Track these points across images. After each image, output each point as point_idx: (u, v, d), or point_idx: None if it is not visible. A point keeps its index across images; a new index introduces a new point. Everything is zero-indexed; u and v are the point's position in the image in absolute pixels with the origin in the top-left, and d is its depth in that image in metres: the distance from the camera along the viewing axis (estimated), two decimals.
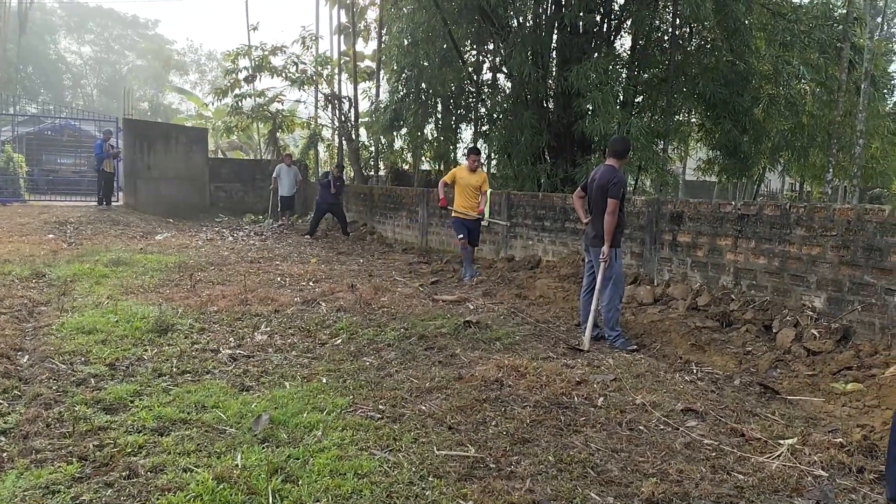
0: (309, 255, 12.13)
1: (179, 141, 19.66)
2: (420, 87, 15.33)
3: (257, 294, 7.82)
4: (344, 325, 6.56)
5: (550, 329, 6.84)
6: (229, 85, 19.21)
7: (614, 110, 10.98)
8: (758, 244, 6.77)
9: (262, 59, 18.49)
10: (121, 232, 13.74)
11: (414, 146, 17.37)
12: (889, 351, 5.34)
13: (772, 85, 13.04)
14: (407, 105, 15.51)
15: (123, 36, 60.27)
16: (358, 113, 20.04)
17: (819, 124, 13.24)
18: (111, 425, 3.92)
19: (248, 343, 5.88)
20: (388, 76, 18.46)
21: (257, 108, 19.46)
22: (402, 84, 15.56)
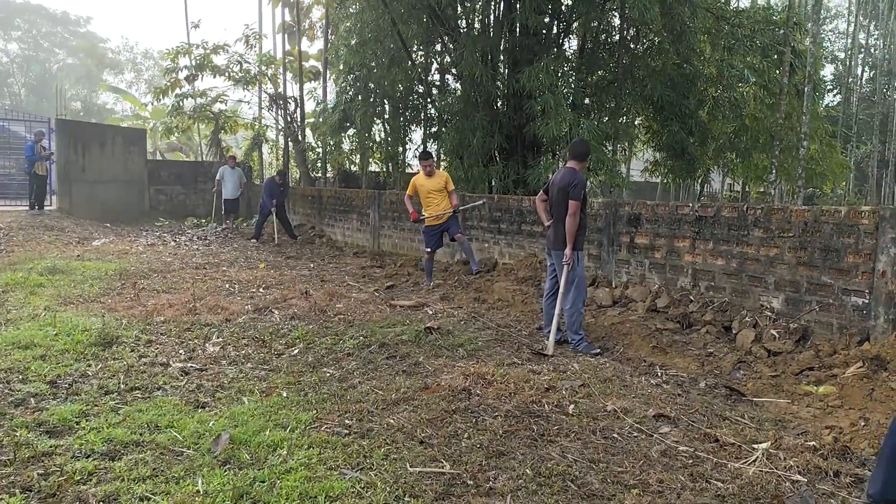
0: (256, 260, 11.82)
1: (116, 142, 18.93)
2: (369, 87, 15.12)
3: (206, 302, 7.52)
4: (300, 333, 6.35)
5: (512, 334, 6.76)
6: (169, 84, 18.65)
7: (565, 112, 10.97)
8: (716, 245, 6.83)
9: (203, 57, 18.00)
10: (55, 238, 13.12)
11: (362, 148, 17.15)
12: (847, 350, 5.42)
13: (716, 88, 13.31)
14: (355, 106, 15.28)
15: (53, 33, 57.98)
16: (304, 114, 19.72)
17: (762, 126, 13.56)
18: (56, 450, 3.62)
19: (199, 355, 5.61)
20: (335, 76, 18.22)
21: (199, 108, 18.95)
22: (351, 84, 15.34)
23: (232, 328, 6.52)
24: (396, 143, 16.53)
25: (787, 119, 13.24)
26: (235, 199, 17.60)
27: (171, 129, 20.46)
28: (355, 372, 5.29)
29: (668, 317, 6.81)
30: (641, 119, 14.70)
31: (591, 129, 10.96)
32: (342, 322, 6.92)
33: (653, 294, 7.28)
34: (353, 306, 7.68)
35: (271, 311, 7.34)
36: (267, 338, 6.21)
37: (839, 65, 30.34)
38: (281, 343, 6.08)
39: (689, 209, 7.16)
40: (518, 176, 12.47)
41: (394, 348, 5.95)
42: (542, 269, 9.10)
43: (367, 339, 6.18)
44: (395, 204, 13.23)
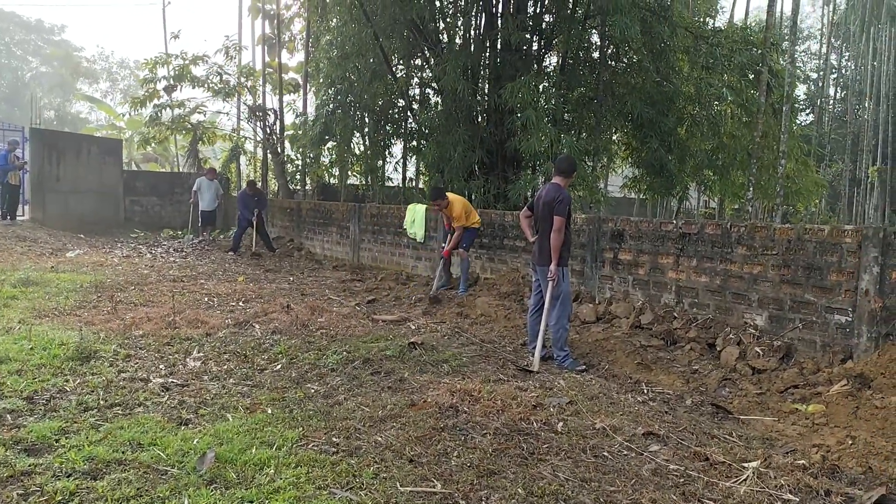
0: (235, 273, 11.69)
1: (91, 152, 18.68)
2: (349, 100, 15.11)
3: (185, 316, 7.40)
4: (282, 348, 6.27)
5: (497, 349, 6.73)
6: (147, 94, 18.48)
7: (546, 128, 11.06)
8: (699, 263, 6.87)
9: (182, 68, 17.87)
10: (28, 248, 12.86)
11: (342, 160, 17.10)
12: (831, 368, 5.47)
13: (695, 106, 13.49)
14: (336, 119, 15.25)
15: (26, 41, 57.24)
16: (283, 126, 19.63)
17: (739, 144, 13.75)
18: (36, 469, 3.51)
19: (180, 370, 5.50)
20: (315, 89, 18.17)
21: (177, 119, 18.78)
22: (331, 97, 15.31)
23: (213, 342, 6.42)
24: (376, 157, 16.51)
25: (764, 137, 13.44)
26: (212, 211, 17.42)
27: (147, 139, 20.25)
28: (340, 388, 5.22)
29: (652, 333, 6.83)
30: (621, 135, 14.85)
31: (571, 145, 11.04)
32: (325, 337, 6.86)
33: (637, 310, 7.30)
34: (336, 321, 7.62)
35: (252, 325, 7.25)
36: (249, 353, 6.12)
37: (811, 84, 30.94)
38: (263, 358, 5.99)
39: (673, 226, 7.21)
40: (499, 191, 12.51)
41: (378, 364, 5.89)
42: (525, 285, 9.10)
43: (350, 355, 6.12)
44: (375, 217, 13.19)
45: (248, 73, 19.24)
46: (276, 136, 19.23)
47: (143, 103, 18.70)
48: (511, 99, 11.06)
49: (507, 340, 7.18)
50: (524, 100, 10.91)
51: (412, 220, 11.79)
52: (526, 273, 9.34)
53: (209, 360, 5.85)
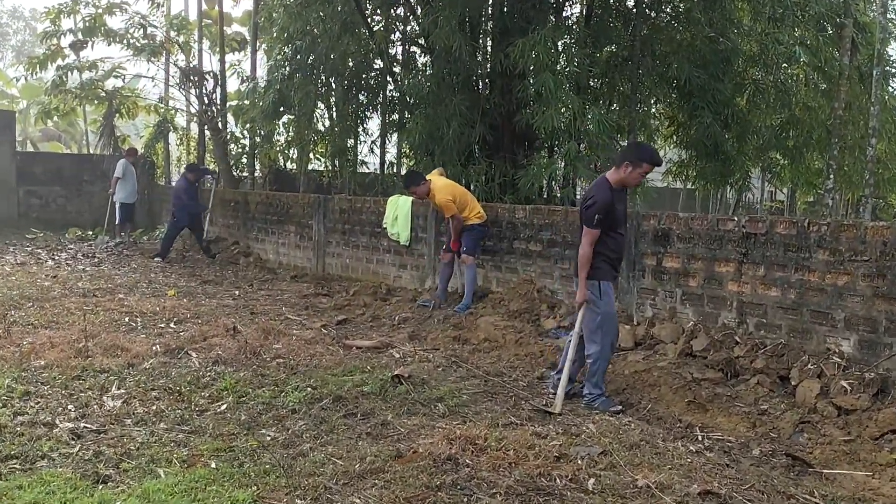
0: (164, 285, 11.73)
1: None
2: (311, 61, 15.08)
3: (100, 341, 7.42)
4: (228, 383, 6.29)
5: (506, 384, 6.75)
6: (49, 53, 18.41)
7: (567, 97, 11.08)
8: (769, 271, 6.90)
9: (94, 18, 17.84)
10: None
11: (302, 139, 17.08)
12: None
13: (758, 68, 13.53)
14: (294, 85, 15.21)
15: None
16: (225, 94, 19.61)
17: (816, 119, 13.82)
18: None
19: (95, 412, 5.51)
20: (267, 46, 18.15)
21: (88, 84, 18.69)
22: (288, 58, 15.30)
23: (137, 376, 6.41)
24: (346, 135, 16.48)
25: (848, 110, 13.52)
26: (134, 205, 17.39)
27: (48, 111, 20.14)
28: (304, 434, 5.24)
29: (707, 363, 6.85)
30: (663, 107, 14.88)
31: (599, 119, 11.08)
32: (282, 368, 6.88)
33: (687, 333, 7.31)
34: (296, 347, 7.65)
35: (188, 353, 7.27)
36: (184, 389, 6.12)
37: None
38: (203, 396, 6.00)
39: (735, 224, 7.23)
40: (506, 178, 12.53)
41: (353, 403, 5.92)
42: (542, 300, 9.12)
43: (316, 391, 6.14)
44: (345, 213, 13.19)
45: (180, 25, 19.22)
46: (216, 108, 19.18)
47: (42, 64, 18.62)
48: (522, 59, 11.06)
49: (520, 372, 7.20)
50: (539, 61, 10.92)
51: (394, 216, 11.78)
52: (542, 285, 9.35)
53: (133, 398, 5.84)
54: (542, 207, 9.85)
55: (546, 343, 7.96)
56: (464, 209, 9.80)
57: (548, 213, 9.51)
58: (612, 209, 6.14)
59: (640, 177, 6.23)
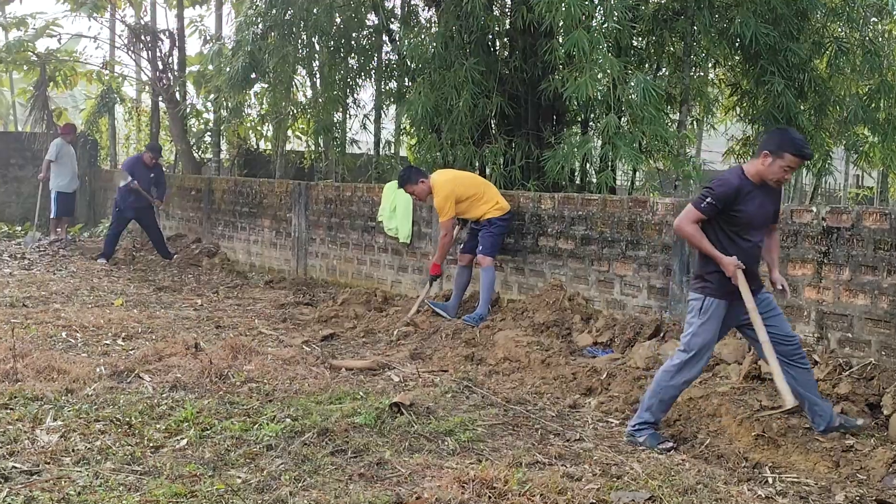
0: (109, 293, 11.77)
1: None
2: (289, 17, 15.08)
3: (32, 361, 7.40)
4: (188, 413, 6.27)
5: (530, 414, 6.74)
6: None
7: (605, 59, 11.03)
8: (855, 275, 6.87)
9: None
10: None
11: (277, 113, 17.09)
12: None
13: (842, 24, 13.46)
14: (268, 47, 15.21)
15: None
16: (185, 58, 19.64)
17: None
18: None
19: (26, 448, 5.49)
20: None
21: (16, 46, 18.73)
22: (261, 13, 15.28)
23: (77, 404, 6.40)
24: (333, 107, 16.48)
25: None
26: (73, 194, 17.41)
27: None
28: (283, 476, 5.22)
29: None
30: (723, 72, 14.81)
31: (644, 87, 11.01)
32: (255, 394, 6.87)
33: (753, 352, 7.27)
34: (272, 368, 7.65)
35: (139, 375, 7.26)
36: (135, 420, 6.11)
37: None
38: (159, 429, 5.98)
39: (813, 216, 7.19)
40: (529, 160, 12.51)
41: (342, 437, 5.90)
42: (574, 310, 9.09)
43: (297, 423, 6.14)
44: (332, 203, 13.19)
45: None
46: (173, 75, 19.26)
47: None
48: (549, 14, 11.00)
49: (547, 399, 7.19)
50: (570, 15, 10.85)
51: (392, 207, 11.79)
52: (575, 292, 9.32)
53: (72, 431, 5.83)
54: (575, 196, 9.83)
55: (580, 364, 7.93)
56: (479, 202, 9.79)
57: (582, 203, 9.49)
58: (736, 202, 5.96)
59: (783, 171, 5.92)
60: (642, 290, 8.60)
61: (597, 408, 6.94)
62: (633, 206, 8.94)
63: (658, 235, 8.46)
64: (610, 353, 8.18)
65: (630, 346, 8.16)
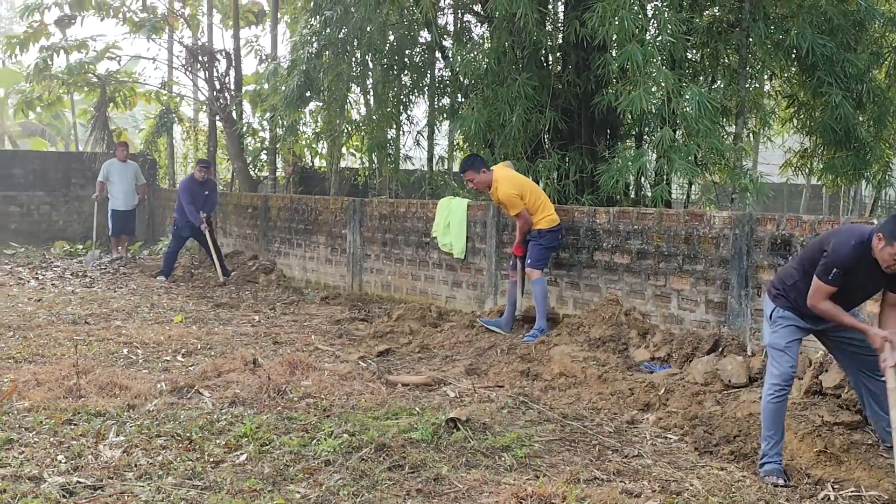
0: (169, 310, 11.88)
1: None
2: (344, 35, 15.19)
3: (94, 378, 7.52)
4: (247, 428, 6.32)
5: (587, 430, 6.70)
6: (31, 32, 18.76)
7: (660, 72, 10.99)
8: None
9: None
10: None
11: (332, 131, 17.19)
12: None
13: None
14: (323, 65, 15.34)
15: None
16: (241, 77, 19.79)
17: None
18: None
19: (90, 463, 5.57)
20: (291, 18, 18.33)
21: (77, 68, 19.01)
22: (316, 32, 15.41)
23: (139, 420, 6.48)
24: (386, 124, 16.55)
25: None
26: (130, 212, 17.60)
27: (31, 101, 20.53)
28: (341, 491, 5.25)
29: (840, 403, 6.72)
30: (780, 83, 14.67)
31: (700, 100, 10.93)
32: (313, 410, 6.91)
33: (815, 366, 7.18)
34: (329, 384, 7.67)
35: (199, 391, 7.34)
36: (196, 435, 6.16)
37: None
38: (219, 444, 6.03)
39: None
40: (583, 174, 12.46)
41: (399, 453, 5.91)
42: (631, 325, 9.03)
43: (354, 439, 6.15)
44: (386, 219, 13.24)
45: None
46: (230, 94, 19.41)
47: (23, 45, 18.98)
48: (602, 28, 10.99)
49: (604, 415, 7.13)
50: (624, 29, 10.83)
51: (445, 222, 11.80)
52: (631, 307, 9.26)
53: (134, 447, 5.90)
54: (630, 210, 9.78)
55: (637, 379, 7.86)
56: (533, 210, 9.78)
57: (637, 217, 9.44)
58: (852, 275, 5.69)
59: (893, 259, 5.49)
60: (700, 305, 8.53)
61: (655, 423, 6.89)
62: (690, 219, 8.88)
63: (715, 249, 8.39)
64: (668, 369, 8.11)
65: (688, 362, 8.07)
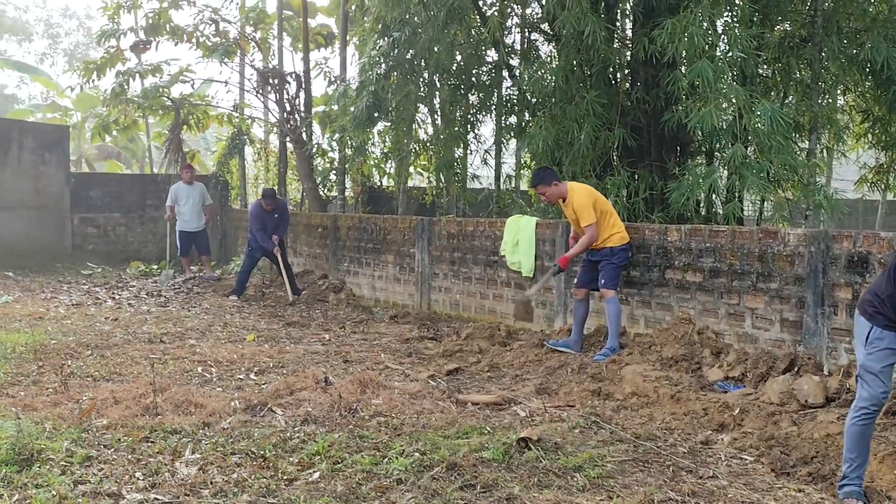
0: (241, 329, 11.99)
1: (24, 146, 19.57)
2: (411, 56, 15.30)
3: (170, 396, 7.59)
4: (320, 446, 6.34)
5: (661, 450, 6.60)
6: (107, 57, 19.12)
7: (730, 88, 10.89)
8: None
9: (158, 14, 18.47)
10: None
11: (400, 151, 17.28)
12: None
13: None
14: (391, 86, 15.46)
15: None
16: (310, 99, 19.97)
17: None
18: None
19: (167, 480, 5.62)
20: (359, 39, 18.46)
21: (152, 92, 19.35)
22: (384, 53, 15.53)
23: (214, 437, 6.53)
24: (454, 143, 16.60)
25: None
26: (199, 233, 17.89)
27: (107, 125, 20.92)
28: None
29: None
30: (854, 98, 14.46)
31: (772, 115, 10.81)
32: (384, 428, 6.90)
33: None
34: (399, 403, 7.66)
35: (272, 409, 7.37)
36: (269, 453, 6.20)
37: None
38: (292, 462, 6.06)
39: None
40: (653, 192, 12.38)
41: (470, 472, 5.88)
42: (704, 344, 8.93)
43: (426, 457, 6.14)
44: (454, 238, 13.25)
45: (258, 19, 19.72)
46: (300, 116, 19.59)
47: (100, 70, 19.25)
48: (671, 44, 10.93)
49: (678, 435, 7.02)
50: (693, 45, 10.76)
51: (514, 241, 11.77)
52: (704, 325, 9.15)
53: (210, 464, 5.95)
54: (702, 227, 9.66)
55: (711, 399, 7.74)
56: (604, 226, 9.74)
57: (709, 235, 9.33)
58: None
59: None
60: (775, 324, 8.40)
61: (730, 444, 6.77)
62: (764, 237, 8.75)
63: (790, 267, 8.25)
64: (742, 388, 7.98)
65: (763, 381, 7.94)
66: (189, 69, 20.22)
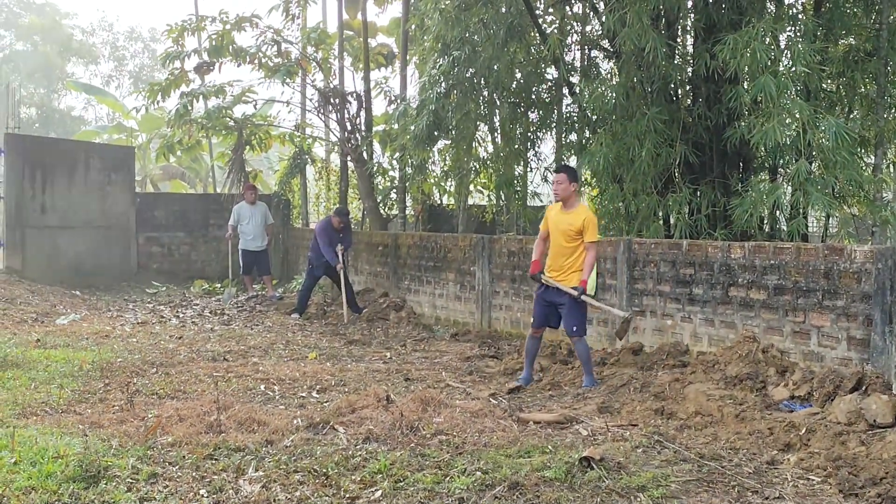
0: (303, 347, 12.08)
1: (91, 167, 19.90)
2: (471, 75, 15.36)
3: (234, 414, 7.66)
4: (382, 465, 6.36)
5: (726, 470, 6.52)
6: (172, 79, 19.40)
7: (794, 103, 10.80)
8: None
9: (222, 35, 18.67)
10: (2, 313, 13.77)
11: (460, 169, 17.32)
12: None
13: None
14: (451, 105, 15.52)
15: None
16: (371, 118, 20.09)
17: None
18: None
19: (231, 498, 5.68)
20: (419, 59, 18.56)
21: (215, 112, 19.61)
22: (444, 72, 15.59)
23: (277, 455, 6.58)
24: (514, 161, 16.62)
25: None
26: (262, 252, 18.08)
27: (172, 145, 21.22)
28: None
29: None
30: None
31: (836, 131, 10.69)
32: (445, 447, 6.89)
33: None
34: (461, 421, 7.64)
35: (334, 427, 7.40)
36: (332, 471, 6.22)
37: None
38: (354, 480, 6.07)
39: None
40: (716, 208, 12.29)
41: (532, 491, 5.86)
42: (769, 363, 8.81)
43: (488, 476, 6.12)
44: (514, 256, 13.24)
45: (319, 39, 19.86)
46: (361, 135, 19.71)
47: (165, 92, 19.47)
48: (733, 60, 10.88)
49: (743, 455, 6.93)
50: (756, 60, 10.70)
51: None
52: (769, 344, 9.04)
53: (273, 482, 5.99)
54: (766, 244, 9.57)
55: (776, 418, 7.64)
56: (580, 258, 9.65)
57: (774, 252, 9.24)
58: None
59: None
60: (841, 342, 8.29)
61: (796, 464, 6.66)
62: (829, 254, 8.64)
63: (857, 284, 8.14)
64: (808, 408, 7.86)
65: (830, 400, 7.81)
66: (251, 90, 20.41)
